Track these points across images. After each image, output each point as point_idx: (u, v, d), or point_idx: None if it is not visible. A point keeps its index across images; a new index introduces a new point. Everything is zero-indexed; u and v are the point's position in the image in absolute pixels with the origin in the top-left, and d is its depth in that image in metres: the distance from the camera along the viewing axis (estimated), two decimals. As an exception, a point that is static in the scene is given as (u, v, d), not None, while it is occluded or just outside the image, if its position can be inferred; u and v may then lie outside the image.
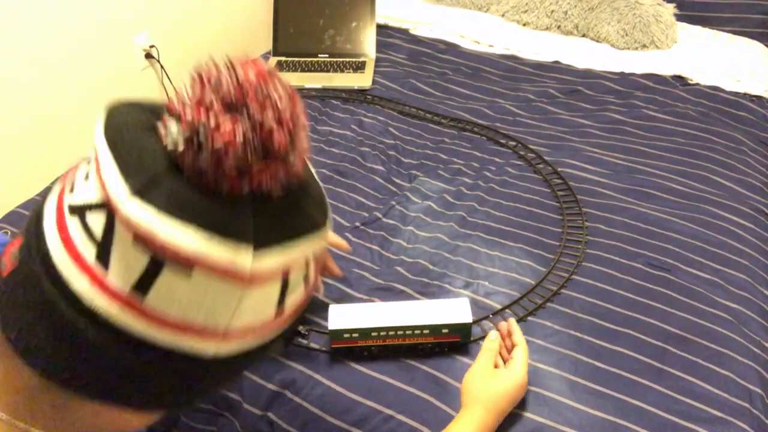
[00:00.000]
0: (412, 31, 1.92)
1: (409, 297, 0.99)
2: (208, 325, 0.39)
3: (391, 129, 1.45)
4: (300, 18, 1.77)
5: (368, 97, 1.59)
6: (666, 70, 1.66)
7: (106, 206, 0.37)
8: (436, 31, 1.91)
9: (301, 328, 0.93)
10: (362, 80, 1.64)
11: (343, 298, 0.99)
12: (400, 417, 0.82)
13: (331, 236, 0.91)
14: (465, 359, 0.89)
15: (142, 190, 0.36)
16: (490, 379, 0.80)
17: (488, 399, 0.78)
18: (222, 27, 2.03)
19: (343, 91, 1.61)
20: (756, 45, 1.81)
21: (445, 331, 0.88)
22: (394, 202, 1.21)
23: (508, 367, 0.81)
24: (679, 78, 1.64)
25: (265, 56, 1.79)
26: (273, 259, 0.38)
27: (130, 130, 0.38)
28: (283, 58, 1.74)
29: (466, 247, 1.10)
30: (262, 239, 0.38)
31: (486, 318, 0.95)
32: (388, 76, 1.67)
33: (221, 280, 0.37)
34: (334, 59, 1.74)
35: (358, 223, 1.16)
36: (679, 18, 1.87)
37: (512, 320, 0.88)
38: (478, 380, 0.80)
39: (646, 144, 1.37)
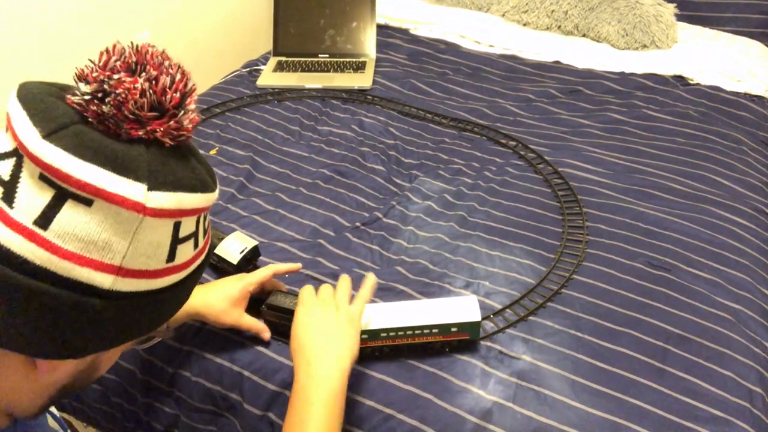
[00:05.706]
0: (413, 31, 1.92)
1: (410, 297, 0.99)
2: (105, 254, 0.43)
3: (391, 129, 1.45)
4: (300, 18, 1.77)
5: (368, 97, 1.59)
6: (666, 70, 1.66)
7: (16, 151, 0.42)
8: (436, 31, 1.91)
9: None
10: (362, 80, 1.64)
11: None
12: (400, 416, 0.82)
13: (282, 265, 0.95)
14: (466, 358, 0.89)
15: (51, 133, 0.41)
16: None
17: (295, 345, 0.76)
18: (222, 27, 2.04)
19: (344, 91, 1.61)
20: (756, 45, 1.81)
21: (454, 329, 0.87)
22: (394, 202, 1.21)
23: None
24: (680, 78, 1.64)
25: (266, 56, 1.79)
26: (164, 200, 0.44)
27: (41, 93, 0.44)
28: (283, 58, 1.74)
29: (467, 247, 1.10)
30: (154, 178, 0.43)
31: (487, 318, 0.95)
32: (388, 76, 1.67)
33: (118, 212, 0.42)
34: (335, 59, 1.74)
35: (358, 223, 1.16)
36: (680, 18, 1.87)
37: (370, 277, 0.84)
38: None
39: (646, 144, 1.37)
